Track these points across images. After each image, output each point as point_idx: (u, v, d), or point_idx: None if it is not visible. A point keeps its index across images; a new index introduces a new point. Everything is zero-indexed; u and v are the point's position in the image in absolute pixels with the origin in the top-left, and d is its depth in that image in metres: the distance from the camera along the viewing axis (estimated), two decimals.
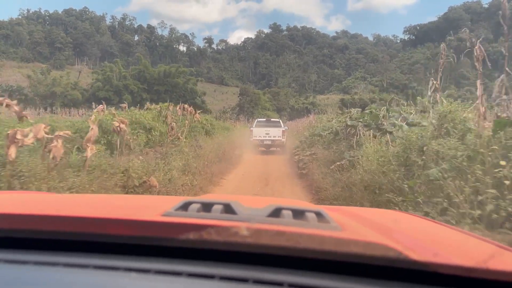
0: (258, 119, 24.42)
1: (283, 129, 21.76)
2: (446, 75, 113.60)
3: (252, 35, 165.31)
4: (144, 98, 49.19)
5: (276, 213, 0.96)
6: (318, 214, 0.97)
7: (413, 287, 0.77)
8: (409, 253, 0.76)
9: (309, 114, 32.01)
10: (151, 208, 1.12)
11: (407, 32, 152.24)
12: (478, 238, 1.14)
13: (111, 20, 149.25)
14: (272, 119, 25.22)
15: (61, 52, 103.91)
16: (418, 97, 10.85)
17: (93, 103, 36.78)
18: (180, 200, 1.04)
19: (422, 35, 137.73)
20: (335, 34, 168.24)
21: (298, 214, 0.97)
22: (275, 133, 21.20)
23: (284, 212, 0.97)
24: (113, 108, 12.04)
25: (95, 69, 62.90)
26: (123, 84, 49.08)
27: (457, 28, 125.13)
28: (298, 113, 54.69)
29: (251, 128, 22.66)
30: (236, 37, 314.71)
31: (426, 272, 0.76)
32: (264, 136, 21.26)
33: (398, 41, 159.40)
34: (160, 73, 51.57)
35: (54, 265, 0.81)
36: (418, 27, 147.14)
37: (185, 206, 0.99)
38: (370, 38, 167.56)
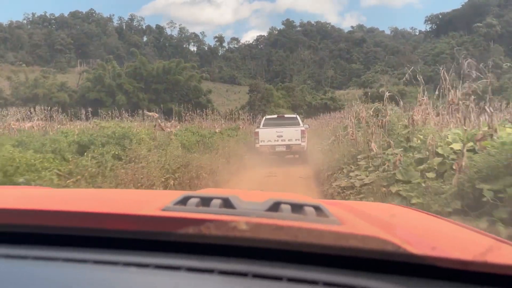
0: (267, 117, 17.25)
1: (303, 128, 14.94)
2: (475, 65, 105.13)
3: (265, 34, 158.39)
4: (141, 99, 43.62)
5: (275, 207, 0.97)
6: (317, 208, 0.97)
7: (411, 281, 0.77)
8: (407, 246, 0.77)
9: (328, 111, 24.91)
10: (150, 202, 1.12)
11: (429, 22, 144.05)
12: (476, 232, 1.15)
13: (119, 22, 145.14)
14: (286, 115, 18.40)
15: (62, 54, 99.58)
16: None
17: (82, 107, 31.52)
18: (179, 194, 1.04)
19: (445, 24, 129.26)
20: (350, 29, 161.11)
21: (297, 208, 0.97)
22: (291, 134, 14.43)
23: (283, 206, 0.97)
24: None
25: (85, 69, 57.37)
26: (116, 84, 43.32)
27: (484, 14, 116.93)
28: (316, 110, 48.28)
29: (256, 130, 15.69)
30: (250, 37, 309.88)
31: (424, 266, 0.76)
32: (275, 140, 14.43)
33: (417, 33, 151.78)
34: (159, 69, 45.58)
35: (53, 260, 0.82)
36: (440, 16, 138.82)
37: (184, 201, 0.99)
38: (387, 32, 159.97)
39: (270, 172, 11.82)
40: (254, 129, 19.16)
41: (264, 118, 17.23)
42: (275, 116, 18.06)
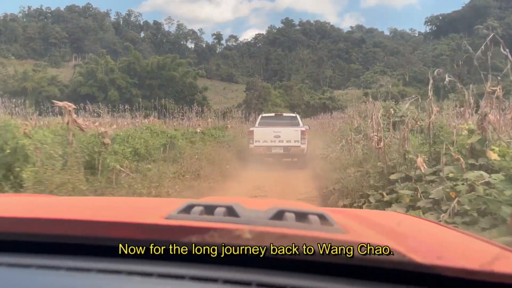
0: (263, 115, 15.88)
1: (303, 128, 13.50)
2: (475, 67, 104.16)
3: (264, 32, 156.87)
4: (134, 94, 42.18)
5: (279, 215, 0.96)
6: (321, 217, 0.97)
7: None
8: (413, 255, 0.76)
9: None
10: (154, 210, 1.13)
11: (429, 23, 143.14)
12: (483, 240, 1.14)
13: (116, 17, 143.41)
14: (284, 114, 16.61)
15: (57, 48, 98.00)
16: None
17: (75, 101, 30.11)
18: (182, 202, 1.04)
19: (445, 26, 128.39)
20: (350, 29, 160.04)
21: (301, 216, 0.97)
22: (290, 135, 13.09)
23: (287, 214, 0.97)
24: None
25: (78, 63, 55.88)
26: (109, 79, 41.90)
27: (485, 16, 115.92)
28: (315, 110, 47.23)
29: (251, 129, 14.21)
30: (248, 36, 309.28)
31: (430, 275, 0.76)
32: (272, 141, 13.05)
33: (416, 34, 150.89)
34: (153, 65, 44.16)
35: (57, 269, 0.82)
36: (440, 17, 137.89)
37: (188, 209, 0.98)
38: (387, 33, 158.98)
39: (258, 188, 8.98)
40: (247, 128, 17.83)
41: (260, 116, 15.83)
42: (273, 114, 16.70)
